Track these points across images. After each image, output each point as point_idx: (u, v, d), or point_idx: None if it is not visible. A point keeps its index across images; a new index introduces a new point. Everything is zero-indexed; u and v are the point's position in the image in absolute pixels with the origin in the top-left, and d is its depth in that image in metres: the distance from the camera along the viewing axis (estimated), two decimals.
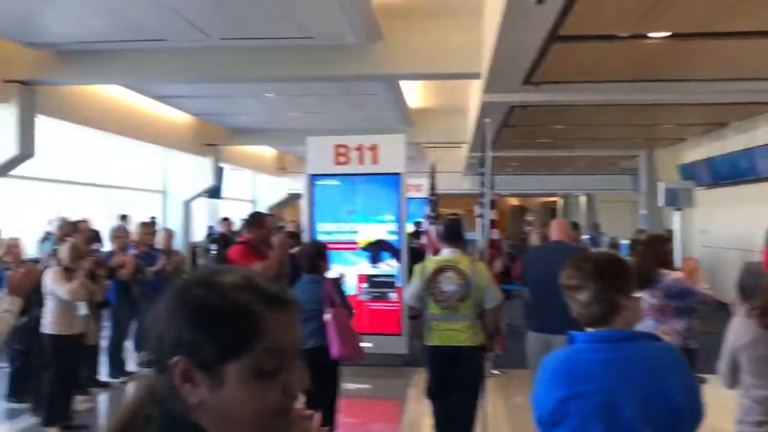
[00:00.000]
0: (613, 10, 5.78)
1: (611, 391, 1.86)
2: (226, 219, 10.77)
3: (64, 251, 5.60)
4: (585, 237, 14.90)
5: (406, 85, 11.16)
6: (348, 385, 4.92)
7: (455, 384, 4.67)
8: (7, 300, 3.25)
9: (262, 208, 21.81)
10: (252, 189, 22.32)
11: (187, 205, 16.12)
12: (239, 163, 18.31)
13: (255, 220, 4.52)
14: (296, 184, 21.56)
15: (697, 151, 13.91)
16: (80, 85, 10.23)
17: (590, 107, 10.25)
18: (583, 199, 25.90)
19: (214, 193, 16.83)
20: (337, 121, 13.65)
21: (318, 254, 4.73)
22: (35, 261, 7.44)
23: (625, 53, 7.27)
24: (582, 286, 2.03)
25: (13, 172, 9.63)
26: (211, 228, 16.46)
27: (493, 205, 5.37)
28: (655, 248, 4.52)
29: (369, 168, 7.93)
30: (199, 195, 16.31)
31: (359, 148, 7.93)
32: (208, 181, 15.98)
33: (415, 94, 12.36)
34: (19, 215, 10.93)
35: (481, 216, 5.52)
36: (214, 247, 9.59)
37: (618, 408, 1.83)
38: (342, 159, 8.02)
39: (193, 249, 14.99)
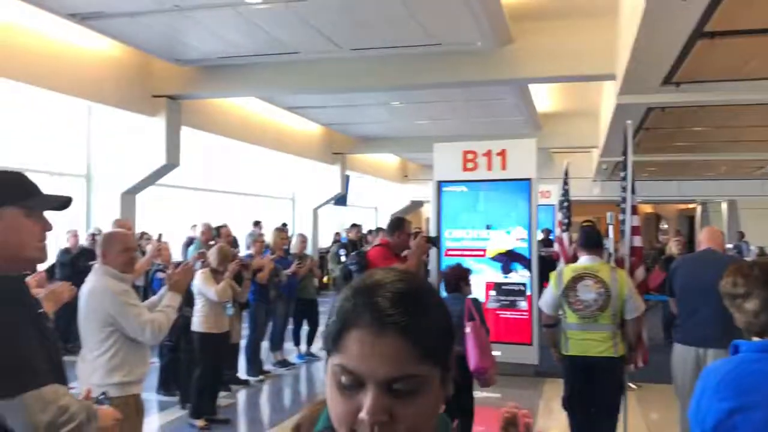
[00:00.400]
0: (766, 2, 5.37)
1: None
2: (355, 225, 11.00)
3: (212, 254, 5.96)
4: (728, 246, 13.93)
5: (533, 89, 10.97)
6: (477, 394, 4.87)
7: (594, 396, 4.50)
8: (168, 296, 3.49)
9: (386, 216, 22.19)
10: (375, 196, 22.72)
11: (315, 212, 16.71)
12: (364, 171, 18.73)
13: (398, 224, 4.62)
14: (419, 192, 21.76)
15: None
16: (220, 98, 10.87)
17: (735, 107, 9.60)
18: (724, 206, 24.27)
19: (340, 200, 17.32)
20: (462, 127, 13.63)
21: (461, 278, 4.90)
22: (181, 264, 7.94)
23: None
24: (750, 294, 1.91)
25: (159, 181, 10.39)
26: (337, 234, 16.91)
27: (634, 211, 5.13)
28: None
29: (498, 174, 7.81)
30: (326, 202, 16.85)
31: (487, 154, 7.83)
32: (336, 189, 16.48)
33: (542, 97, 12.11)
34: (164, 220, 11.74)
35: (621, 222, 5.28)
36: (343, 252, 9.82)
37: None
38: (470, 165, 7.95)
39: (321, 254, 15.47)
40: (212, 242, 7.76)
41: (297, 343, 8.84)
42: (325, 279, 12.14)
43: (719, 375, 1.91)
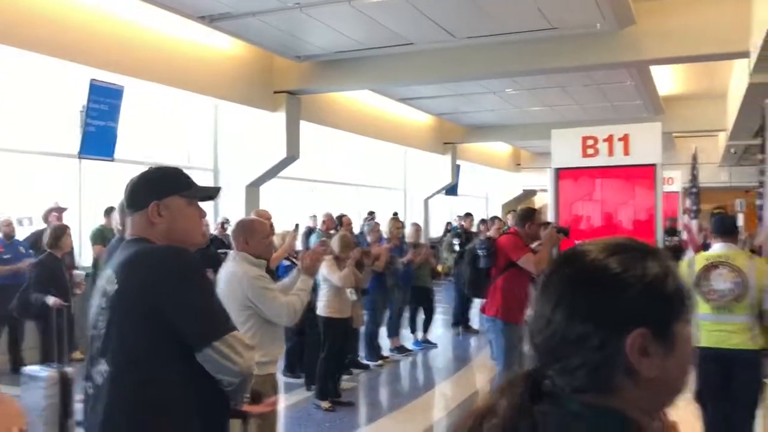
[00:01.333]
0: None
1: None
2: (468, 214, 11.01)
3: (335, 242, 6.17)
4: None
5: (654, 71, 10.50)
6: None
7: (729, 390, 4.31)
8: (301, 279, 3.67)
9: (496, 205, 21.96)
10: (486, 185, 22.51)
11: (426, 202, 16.80)
12: (475, 160, 18.61)
13: (528, 215, 4.64)
14: (531, 180, 21.36)
15: None
16: (335, 92, 11.15)
17: None
18: None
19: (451, 190, 17.32)
20: (578, 113, 13.28)
21: None
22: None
23: None
24: None
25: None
26: (449, 224, 16.92)
27: None
28: None
29: (620, 160, 7.55)
30: (437, 192, 16.90)
31: (609, 139, 7.57)
32: (447, 179, 16.49)
33: (664, 79, 11.57)
34: (281, 211, 12.20)
35: (759, 208, 5.00)
36: (457, 241, 9.85)
37: None
38: (590, 151, 7.72)
39: (432, 244, 15.53)
40: (332, 231, 8.01)
41: (413, 330, 8.97)
42: (439, 268, 12.22)
43: None
